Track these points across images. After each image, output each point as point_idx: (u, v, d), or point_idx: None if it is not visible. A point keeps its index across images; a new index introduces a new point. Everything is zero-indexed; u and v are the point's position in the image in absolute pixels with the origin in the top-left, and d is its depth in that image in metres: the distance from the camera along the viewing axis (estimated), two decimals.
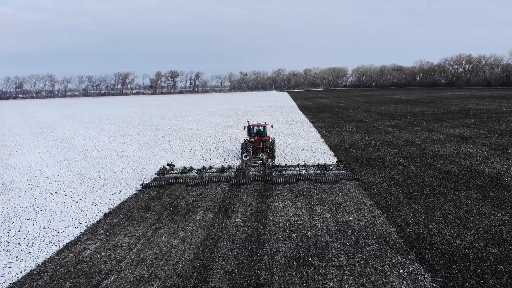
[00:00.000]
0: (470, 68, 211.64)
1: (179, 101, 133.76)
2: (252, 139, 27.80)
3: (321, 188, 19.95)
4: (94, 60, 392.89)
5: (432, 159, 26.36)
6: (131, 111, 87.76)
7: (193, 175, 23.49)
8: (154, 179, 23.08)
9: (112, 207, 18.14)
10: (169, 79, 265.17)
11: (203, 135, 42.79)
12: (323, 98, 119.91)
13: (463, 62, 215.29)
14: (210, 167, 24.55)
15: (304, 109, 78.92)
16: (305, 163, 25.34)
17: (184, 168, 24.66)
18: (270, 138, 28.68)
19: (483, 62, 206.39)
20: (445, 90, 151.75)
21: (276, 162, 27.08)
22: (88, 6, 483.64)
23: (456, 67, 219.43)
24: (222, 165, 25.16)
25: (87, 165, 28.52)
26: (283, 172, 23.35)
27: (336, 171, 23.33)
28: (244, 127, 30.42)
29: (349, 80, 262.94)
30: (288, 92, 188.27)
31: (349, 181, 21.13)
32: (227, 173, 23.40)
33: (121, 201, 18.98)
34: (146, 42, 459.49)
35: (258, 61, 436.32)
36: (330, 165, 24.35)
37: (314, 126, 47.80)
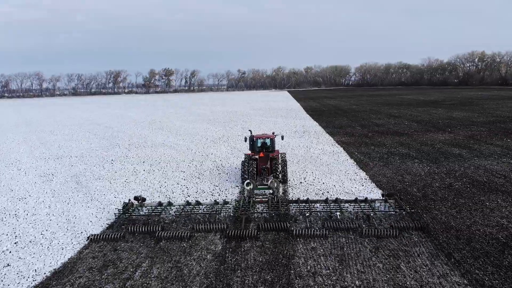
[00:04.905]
0: (483, 66, 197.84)
1: (169, 102, 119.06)
2: (257, 156, 21.03)
3: None
4: (91, 59, 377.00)
5: None
6: (106, 114, 73.11)
7: (172, 215, 16.29)
8: (113, 224, 15.47)
9: None
10: (163, 77, 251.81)
11: (175, 158, 28.49)
12: (330, 99, 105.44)
13: (476, 60, 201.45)
14: (198, 203, 17.20)
15: (312, 112, 64.51)
16: (337, 197, 17.44)
17: (160, 204, 17.20)
18: (280, 154, 21.75)
19: (498, 60, 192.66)
20: (461, 90, 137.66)
21: (290, 192, 19.16)
22: (87, 6, 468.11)
23: (468, 65, 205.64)
24: (215, 200, 17.56)
25: None
26: (307, 213, 15.81)
27: (383, 209, 16.02)
28: (245, 139, 22.92)
29: (352, 78, 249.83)
30: (289, 92, 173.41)
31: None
32: (222, 213, 16.21)
33: None
34: (145, 41, 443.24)
35: (257, 59, 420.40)
36: (374, 200, 16.86)
37: (337, 142, 33.48)
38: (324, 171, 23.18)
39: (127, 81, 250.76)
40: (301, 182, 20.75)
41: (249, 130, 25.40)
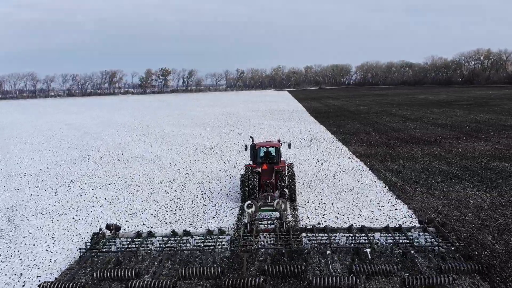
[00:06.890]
0: (489, 64, 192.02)
1: (164, 102, 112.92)
2: (259, 168, 17.36)
3: None
4: (88, 60, 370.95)
5: None
6: (91, 117, 66.95)
7: (150, 249, 12.39)
8: (78, 262, 11.75)
9: None
10: (160, 77, 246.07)
11: (151, 179, 22.39)
12: (333, 99, 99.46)
13: (481, 58, 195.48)
14: (187, 232, 13.18)
15: (317, 115, 58.47)
16: (363, 225, 13.26)
17: (138, 234, 13.13)
18: (287, 166, 17.92)
19: (504, 58, 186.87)
20: (468, 88, 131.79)
21: (301, 215, 15.19)
22: (86, 6, 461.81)
23: (473, 63, 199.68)
24: (208, 228, 13.50)
25: None
26: (328, 251, 11.65)
27: (425, 243, 12.05)
28: (246, 148, 19.88)
29: (353, 78, 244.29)
30: (289, 91, 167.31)
31: None
32: (217, 247, 12.21)
33: None
34: (142, 40, 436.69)
35: (256, 58, 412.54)
36: (410, 229, 12.85)
37: (355, 154, 27.42)
38: (348, 201, 17.08)
39: (123, 81, 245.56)
40: (319, 223, 14.64)
41: (251, 137, 20.59)
